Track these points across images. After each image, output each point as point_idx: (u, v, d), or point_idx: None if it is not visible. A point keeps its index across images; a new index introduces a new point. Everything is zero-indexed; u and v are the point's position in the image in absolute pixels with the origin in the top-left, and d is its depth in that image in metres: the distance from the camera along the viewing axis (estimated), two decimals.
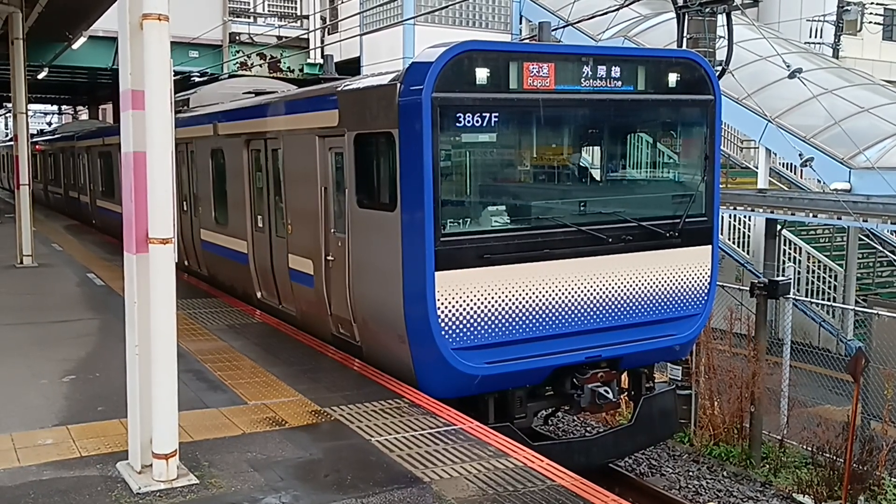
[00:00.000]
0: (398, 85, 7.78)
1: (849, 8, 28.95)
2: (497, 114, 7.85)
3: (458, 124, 7.68)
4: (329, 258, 9.34)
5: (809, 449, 11.24)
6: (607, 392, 8.62)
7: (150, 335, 5.49)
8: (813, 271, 18.65)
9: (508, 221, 8.24)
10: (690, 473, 11.23)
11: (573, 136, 9.12)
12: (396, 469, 6.02)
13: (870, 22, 31.56)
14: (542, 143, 8.95)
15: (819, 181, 18.97)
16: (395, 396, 7.70)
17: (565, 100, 8.28)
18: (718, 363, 12.27)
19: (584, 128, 9.13)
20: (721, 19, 12.18)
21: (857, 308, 15.43)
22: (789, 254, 18.80)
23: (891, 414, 10.73)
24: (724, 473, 11.30)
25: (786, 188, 21.50)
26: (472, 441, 6.61)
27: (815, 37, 30.05)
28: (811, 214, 15.64)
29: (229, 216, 12.46)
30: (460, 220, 7.97)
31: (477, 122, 7.74)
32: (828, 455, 10.75)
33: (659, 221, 8.93)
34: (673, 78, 8.83)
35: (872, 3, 31.61)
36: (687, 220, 9.06)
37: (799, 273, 18.24)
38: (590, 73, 8.28)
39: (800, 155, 15.37)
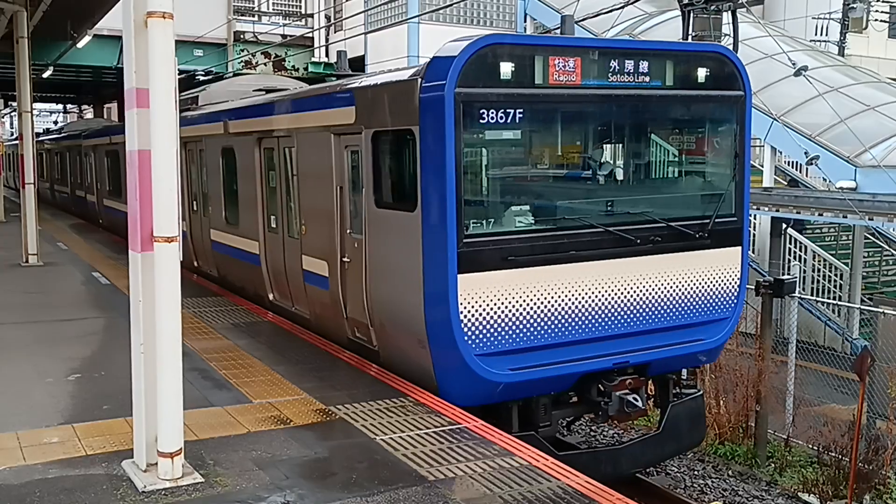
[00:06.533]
0: (419, 80, 7.51)
1: (854, 5, 28.85)
2: (522, 110, 7.58)
3: (481, 121, 7.42)
4: (345, 259, 9.07)
5: (815, 448, 11.22)
6: (636, 400, 8.28)
7: (155, 334, 5.49)
8: (818, 270, 18.61)
9: (533, 222, 7.95)
10: (695, 472, 11.21)
11: (600, 133, 8.84)
12: (401, 468, 6.01)
13: (875, 20, 31.48)
14: (568, 141, 8.68)
15: (825, 179, 18.95)
16: (400, 395, 7.69)
17: (592, 95, 8.02)
18: (724, 362, 12.24)
19: (611, 124, 8.84)
20: (726, 17, 12.14)
21: (862, 307, 15.38)
22: (795, 252, 18.76)
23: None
24: (730, 472, 11.28)
25: (784, 184, 21.46)
26: (476, 440, 6.60)
27: (821, 34, 29.96)
28: (817, 213, 15.62)
29: (240, 216, 12.19)
30: (483, 221, 7.70)
31: (501, 118, 7.47)
32: (833, 454, 10.73)
33: (688, 222, 8.64)
34: (702, 73, 8.54)
35: (878, 1, 31.51)
36: (717, 220, 8.77)
37: (804, 272, 18.20)
38: (617, 67, 8.00)
39: (805, 153, 15.34)
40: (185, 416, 5.75)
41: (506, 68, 7.43)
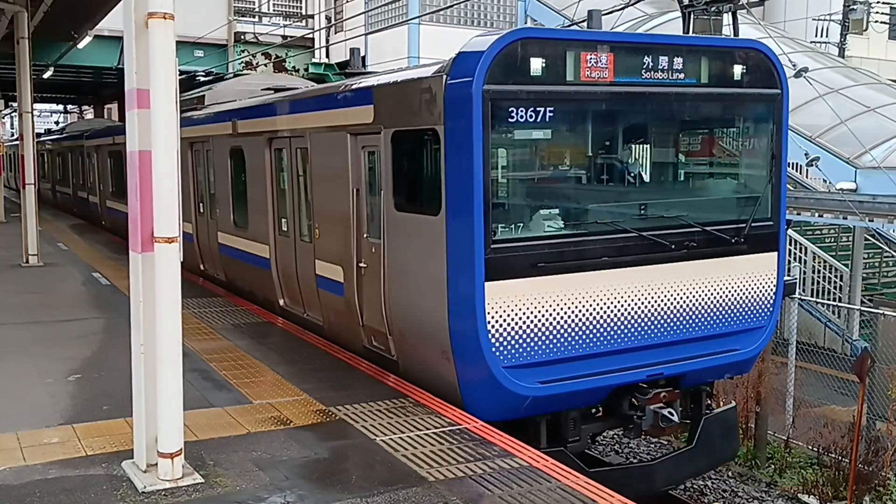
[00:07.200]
0: (444, 77, 7.13)
1: (855, 7, 28.90)
2: (552, 108, 7.22)
3: (510, 120, 7.04)
4: (361, 265, 8.73)
5: (815, 449, 11.22)
6: (672, 414, 7.87)
7: (155, 334, 5.50)
8: (818, 271, 18.62)
9: (563, 226, 7.61)
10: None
11: (633, 133, 8.47)
12: (401, 468, 6.01)
13: (876, 21, 31.52)
14: (599, 141, 8.25)
15: (825, 181, 18.96)
16: (400, 396, 7.69)
17: (624, 93, 7.66)
18: None
19: (645, 124, 8.49)
20: (727, 18, 12.16)
21: (862, 308, 15.39)
22: (795, 254, 18.77)
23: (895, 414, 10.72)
24: (730, 473, 11.28)
25: (791, 188, 21.45)
26: (476, 441, 6.60)
27: (821, 36, 30.00)
28: (817, 214, 15.62)
29: (250, 219, 11.84)
30: (512, 226, 7.35)
31: (530, 117, 7.08)
32: (833, 455, 10.74)
33: (724, 226, 8.29)
34: (738, 70, 8.20)
35: (878, 3, 31.55)
36: (753, 224, 8.43)
37: (804, 273, 18.21)
38: (650, 63, 7.65)
39: (805, 154, 15.34)
40: (185, 417, 5.75)
41: (536, 64, 7.06)
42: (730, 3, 11.78)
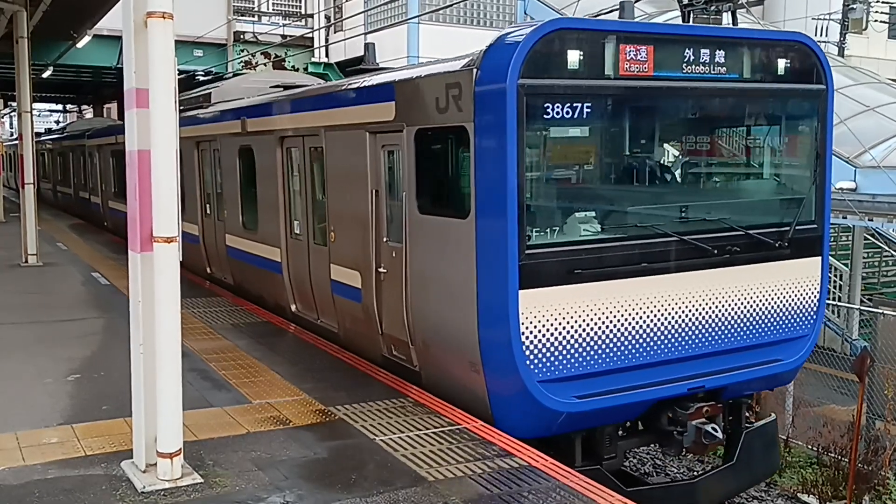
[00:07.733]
0: (474, 70, 6.74)
1: (854, 6, 28.90)
2: (590, 104, 6.87)
3: (545, 116, 6.66)
4: (381, 270, 8.40)
5: (814, 449, 11.22)
6: (715, 430, 7.40)
7: (154, 334, 5.50)
8: None
9: (601, 230, 7.23)
10: (695, 473, 11.20)
11: (672, 130, 8.15)
12: (400, 468, 6.01)
13: (875, 20, 31.53)
14: (638, 139, 7.87)
15: None
16: (400, 395, 7.69)
17: (665, 88, 7.30)
18: None
19: (685, 121, 8.11)
20: (726, 18, 12.15)
21: (862, 307, 15.39)
22: None
23: (893, 413, 10.70)
24: None
25: None
26: (476, 441, 6.60)
27: (821, 35, 30.00)
28: None
29: (260, 221, 11.46)
30: (548, 230, 6.95)
31: (567, 113, 6.71)
32: (832, 455, 10.73)
33: (767, 230, 7.91)
34: (782, 64, 7.84)
35: (878, 2, 31.56)
36: (797, 227, 8.05)
37: None
38: (692, 57, 7.30)
39: None
40: (184, 417, 5.75)
41: (573, 57, 6.70)
42: (729, 2, 11.76)
